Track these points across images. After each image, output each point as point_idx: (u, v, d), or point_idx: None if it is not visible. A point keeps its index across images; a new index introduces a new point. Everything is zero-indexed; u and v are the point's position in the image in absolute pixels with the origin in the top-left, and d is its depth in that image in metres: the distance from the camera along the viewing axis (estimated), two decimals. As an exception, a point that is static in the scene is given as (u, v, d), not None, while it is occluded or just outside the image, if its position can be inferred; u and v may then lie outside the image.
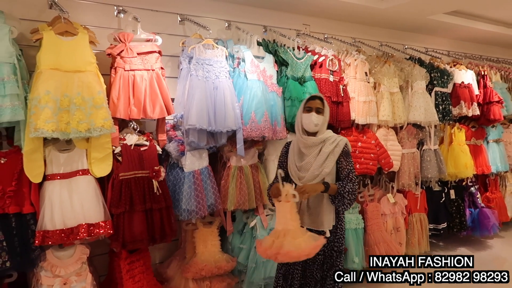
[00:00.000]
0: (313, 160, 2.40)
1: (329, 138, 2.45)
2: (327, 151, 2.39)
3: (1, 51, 2.20)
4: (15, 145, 2.37)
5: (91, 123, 2.37)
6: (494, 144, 5.10)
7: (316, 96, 2.53)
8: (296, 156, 2.48)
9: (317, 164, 2.38)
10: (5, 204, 2.26)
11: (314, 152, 2.41)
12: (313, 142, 2.42)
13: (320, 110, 2.46)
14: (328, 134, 2.48)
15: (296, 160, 2.47)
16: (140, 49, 2.70)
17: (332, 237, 2.46)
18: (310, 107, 2.46)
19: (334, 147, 2.41)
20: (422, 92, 4.14)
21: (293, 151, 2.50)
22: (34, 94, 2.25)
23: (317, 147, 2.42)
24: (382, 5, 3.66)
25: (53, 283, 2.46)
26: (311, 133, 2.46)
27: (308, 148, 2.43)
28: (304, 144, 2.44)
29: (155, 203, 2.64)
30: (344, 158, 2.42)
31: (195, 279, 2.98)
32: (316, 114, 2.43)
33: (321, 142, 2.43)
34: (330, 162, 2.39)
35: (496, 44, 5.75)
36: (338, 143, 2.42)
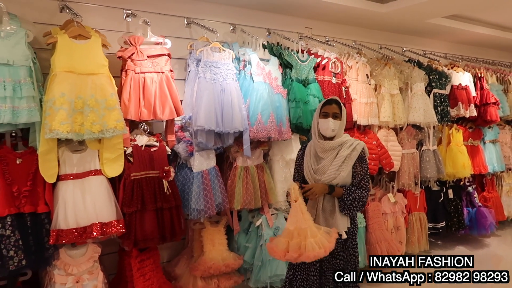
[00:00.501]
0: (330, 163, 2.38)
1: (347, 142, 2.42)
2: (344, 154, 2.37)
3: (18, 54, 2.25)
4: (30, 146, 2.42)
5: (104, 125, 2.43)
6: (490, 145, 5.21)
7: (333, 100, 2.48)
8: (312, 159, 2.46)
9: (334, 168, 2.36)
10: (20, 203, 2.31)
11: (331, 156, 2.39)
12: (330, 146, 2.40)
13: (337, 115, 2.42)
14: (346, 138, 2.45)
15: (312, 163, 2.45)
16: (150, 52, 2.76)
17: (349, 242, 2.45)
18: (327, 112, 2.41)
19: (351, 151, 2.38)
20: (421, 94, 4.24)
21: (310, 154, 2.49)
22: (49, 96, 2.30)
23: (334, 151, 2.40)
24: (383, 9, 3.75)
25: (66, 281, 2.51)
26: (328, 137, 2.44)
27: (325, 152, 2.41)
28: (321, 148, 2.42)
29: (166, 202, 2.70)
30: (359, 163, 2.40)
31: (203, 277, 3.04)
32: (333, 119, 2.40)
33: (338, 146, 2.41)
34: (347, 166, 2.37)
35: (492, 47, 5.87)
36: (355, 147, 2.40)
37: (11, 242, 2.24)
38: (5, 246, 2.23)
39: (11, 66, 2.23)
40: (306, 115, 3.33)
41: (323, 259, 2.41)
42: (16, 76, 2.23)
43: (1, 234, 2.23)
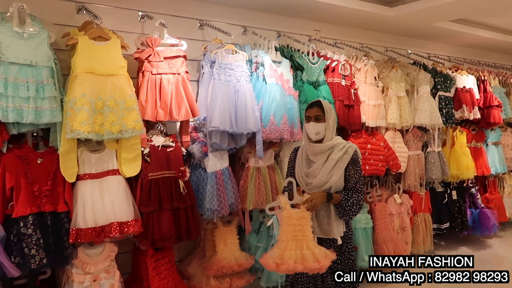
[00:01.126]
0: (321, 166, 2.35)
1: (338, 145, 2.37)
2: (335, 158, 2.33)
3: (41, 55, 2.28)
4: (50, 146, 2.44)
5: (123, 125, 2.46)
6: (493, 147, 5.29)
7: (315, 103, 2.44)
8: (304, 162, 2.43)
9: (325, 171, 2.33)
10: (41, 203, 2.34)
11: (322, 159, 2.36)
12: (321, 149, 2.36)
13: (319, 118, 2.37)
14: (337, 141, 2.40)
15: (303, 166, 2.42)
16: (166, 53, 2.79)
17: (345, 246, 2.42)
18: (309, 116, 2.39)
19: (342, 154, 2.34)
20: (427, 96, 4.30)
21: (301, 157, 2.46)
22: (70, 96, 2.33)
23: (324, 154, 2.36)
24: (391, 12, 3.80)
25: (84, 280, 2.53)
26: (317, 140, 2.40)
27: (316, 155, 2.38)
28: (312, 151, 2.38)
29: (182, 202, 2.73)
30: (352, 166, 2.36)
31: (216, 276, 3.07)
32: (314, 122, 2.36)
33: (329, 149, 2.36)
34: (339, 170, 2.33)
35: (494, 50, 5.95)
36: (347, 150, 2.36)
37: (32, 241, 2.26)
38: (27, 244, 2.25)
39: (34, 67, 2.25)
40: (317, 117, 3.37)
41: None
42: (39, 77, 2.26)
43: (23, 233, 2.25)
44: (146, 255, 2.75)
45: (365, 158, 3.83)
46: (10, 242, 2.25)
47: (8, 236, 2.25)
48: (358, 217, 3.83)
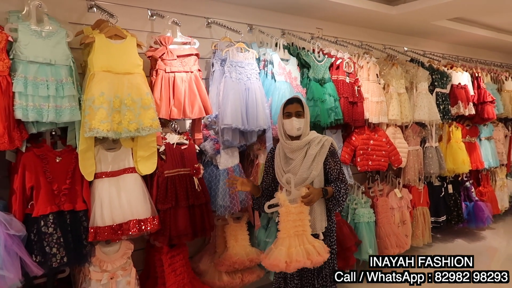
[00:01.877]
0: (300, 163, 2.39)
1: (314, 140, 2.43)
2: (313, 153, 2.38)
3: (59, 54, 2.28)
4: (68, 145, 2.44)
5: (139, 123, 2.47)
6: (486, 142, 5.45)
7: (294, 99, 2.48)
8: (282, 161, 2.48)
9: (305, 167, 2.38)
10: (60, 201, 2.34)
11: (300, 156, 2.40)
12: (298, 145, 2.41)
13: (300, 113, 2.43)
14: (313, 135, 2.46)
15: (283, 164, 2.47)
16: (179, 52, 2.81)
17: (327, 240, 2.47)
18: (290, 112, 2.43)
19: (320, 148, 2.40)
20: (425, 93, 4.41)
21: (279, 156, 2.50)
22: (88, 95, 2.34)
23: (302, 150, 2.41)
24: (393, 11, 3.88)
25: (101, 278, 2.54)
26: (294, 137, 2.46)
27: (294, 152, 2.42)
28: (290, 149, 2.43)
29: (197, 199, 2.76)
30: (331, 158, 2.43)
31: (228, 272, 3.11)
32: (296, 118, 2.41)
33: (306, 144, 2.42)
34: (318, 164, 2.39)
35: (486, 48, 6.12)
36: (323, 144, 2.41)
37: (53, 240, 2.26)
38: (48, 243, 2.25)
39: (52, 66, 2.25)
40: (323, 113, 3.43)
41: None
42: (58, 76, 2.26)
43: (44, 232, 2.25)
44: (161, 252, 2.77)
45: (368, 154, 3.92)
46: (30, 241, 2.25)
47: (29, 236, 2.24)
48: (362, 212, 3.93)
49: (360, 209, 3.95)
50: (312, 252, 2.25)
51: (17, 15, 2.33)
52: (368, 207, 4.01)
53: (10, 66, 2.16)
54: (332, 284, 2.53)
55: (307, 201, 2.27)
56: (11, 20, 2.29)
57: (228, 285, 3.08)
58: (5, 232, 2.10)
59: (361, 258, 3.86)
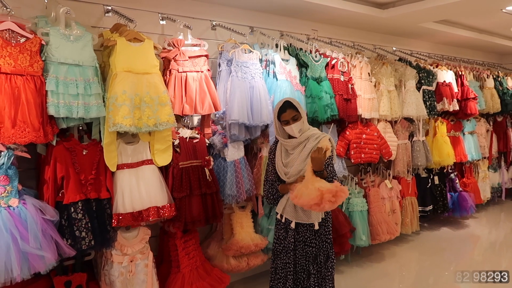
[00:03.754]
0: (297, 156, 2.57)
1: (313, 135, 2.58)
2: (310, 146, 2.54)
3: (86, 56, 2.50)
4: (93, 139, 2.67)
5: (157, 119, 2.71)
6: (469, 136, 5.80)
7: (286, 105, 2.57)
8: (283, 154, 2.66)
9: (301, 159, 2.54)
10: (87, 190, 2.56)
11: (299, 149, 2.58)
12: (298, 142, 2.59)
13: (296, 117, 2.55)
14: (312, 132, 2.61)
15: (283, 157, 2.65)
16: (190, 53, 3.05)
17: (322, 229, 2.63)
18: (286, 120, 2.56)
19: (316, 143, 2.53)
20: (413, 90, 4.72)
21: (280, 150, 2.68)
22: (111, 93, 2.56)
23: (301, 145, 2.59)
24: (383, 14, 4.17)
25: (122, 261, 2.78)
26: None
27: (294, 148, 2.61)
28: (290, 146, 2.62)
29: (208, 188, 3.01)
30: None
31: (235, 256, 3.37)
32: (294, 123, 2.55)
33: (305, 139, 2.58)
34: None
35: (468, 47, 6.48)
36: (321, 139, 2.54)
37: (82, 225, 2.49)
38: (77, 228, 2.48)
39: (80, 67, 2.47)
40: (321, 110, 3.71)
41: (297, 248, 2.63)
42: (86, 76, 2.48)
43: (74, 218, 2.47)
44: (176, 237, 3.01)
45: (360, 147, 4.21)
46: (61, 226, 2.47)
47: (60, 221, 2.47)
48: (355, 201, 4.21)
49: (354, 198, 4.24)
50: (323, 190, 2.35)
51: (45, 20, 2.54)
52: (361, 197, 4.30)
53: (43, 67, 2.37)
54: (326, 270, 2.67)
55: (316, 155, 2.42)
56: (40, 24, 2.50)
57: (235, 268, 3.33)
58: (41, 217, 2.33)
59: (355, 244, 4.16)
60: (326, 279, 2.65)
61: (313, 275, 2.61)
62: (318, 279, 2.62)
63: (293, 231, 2.64)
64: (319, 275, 2.63)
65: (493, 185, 6.45)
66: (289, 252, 2.65)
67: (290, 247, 2.65)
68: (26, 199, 2.36)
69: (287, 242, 2.66)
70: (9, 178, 2.33)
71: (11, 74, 2.25)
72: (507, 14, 4.35)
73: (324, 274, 2.64)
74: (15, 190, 2.34)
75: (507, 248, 4.99)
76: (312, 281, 2.61)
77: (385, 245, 4.74)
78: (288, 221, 2.65)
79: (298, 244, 2.63)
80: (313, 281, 2.62)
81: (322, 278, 2.63)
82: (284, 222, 2.68)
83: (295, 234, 2.64)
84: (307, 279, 2.63)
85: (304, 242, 2.62)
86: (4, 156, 2.31)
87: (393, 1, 4.08)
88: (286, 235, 2.67)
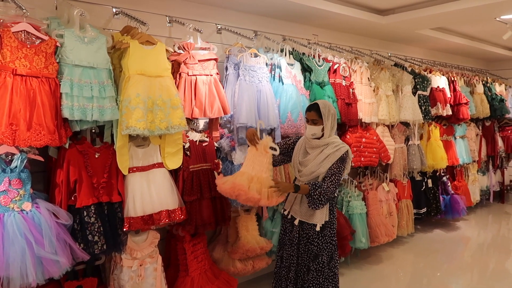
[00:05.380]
0: (313, 158, 2.68)
1: (333, 143, 2.69)
2: (328, 152, 2.65)
3: (100, 58, 2.48)
4: (105, 141, 2.64)
5: (169, 122, 2.70)
6: (460, 140, 5.95)
7: (312, 107, 2.73)
8: (301, 151, 2.79)
9: (316, 162, 2.65)
10: (99, 194, 2.54)
11: (316, 152, 2.70)
12: (317, 144, 2.70)
13: (315, 121, 2.69)
14: (333, 139, 2.71)
15: (300, 155, 2.78)
16: (200, 56, 3.05)
17: (327, 231, 2.74)
18: (307, 119, 2.74)
19: (335, 151, 2.64)
20: (409, 95, 4.83)
21: (300, 147, 2.80)
22: (124, 96, 2.54)
23: (320, 148, 2.70)
24: (383, 20, 4.26)
25: (132, 265, 2.76)
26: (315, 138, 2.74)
27: (312, 149, 2.72)
28: (310, 145, 2.74)
29: (217, 191, 3.00)
30: (338, 161, 2.64)
31: (241, 260, 3.38)
32: (311, 125, 2.71)
33: (324, 144, 2.69)
34: (328, 163, 2.63)
35: (459, 54, 6.65)
36: (339, 148, 2.65)
37: (95, 229, 2.47)
38: (90, 232, 2.45)
39: (95, 69, 2.45)
40: (324, 114, 3.75)
41: (300, 243, 2.76)
42: (100, 78, 2.46)
43: (87, 221, 2.44)
44: (184, 241, 3.01)
45: (360, 151, 4.27)
46: (74, 230, 2.44)
47: (72, 225, 2.43)
48: (355, 204, 4.28)
49: (353, 201, 4.30)
50: (264, 194, 2.52)
51: (57, 22, 2.50)
52: (360, 199, 4.36)
53: (57, 69, 2.35)
54: (329, 271, 2.77)
55: (274, 190, 2.55)
56: (52, 26, 2.47)
57: (241, 272, 3.34)
58: (55, 221, 2.29)
59: (355, 246, 4.22)
60: (329, 279, 2.76)
61: (312, 272, 2.73)
62: (318, 277, 2.73)
63: (297, 227, 2.79)
64: (320, 273, 2.73)
65: (482, 188, 6.63)
66: (293, 245, 2.81)
67: (294, 241, 2.81)
68: (39, 203, 2.32)
69: (292, 235, 2.81)
70: (22, 181, 2.29)
71: (26, 76, 2.22)
72: (501, 22, 4.48)
73: (327, 274, 2.75)
74: (28, 193, 2.30)
75: (494, 249, 5.15)
76: (311, 276, 2.74)
77: (382, 247, 4.82)
78: (293, 218, 2.81)
79: (301, 240, 2.79)
80: (311, 277, 2.73)
81: (325, 278, 2.74)
82: (290, 218, 2.85)
83: (300, 230, 2.79)
84: (307, 273, 2.76)
85: (307, 239, 2.76)
86: (17, 159, 2.27)
87: (393, 7, 4.17)
88: (291, 228, 2.84)
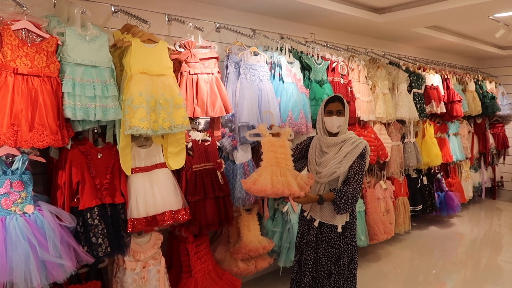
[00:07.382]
0: (332, 157, 2.55)
1: (350, 139, 2.57)
2: (346, 150, 2.52)
3: (102, 57, 2.43)
4: (107, 142, 2.59)
5: (172, 121, 2.66)
6: (453, 137, 6.01)
7: (336, 97, 2.61)
8: (317, 152, 2.65)
9: (335, 162, 2.53)
10: (102, 195, 2.48)
11: (334, 151, 2.56)
12: (334, 142, 2.57)
13: (341, 112, 2.57)
14: (350, 135, 2.60)
15: (316, 156, 2.64)
16: (201, 55, 3.01)
17: (348, 232, 2.63)
18: (331, 110, 2.57)
19: (353, 147, 2.53)
20: (405, 93, 4.85)
21: (315, 147, 2.67)
22: (127, 95, 2.50)
23: (337, 146, 2.57)
24: (380, 19, 4.27)
25: (135, 267, 2.71)
26: (333, 134, 2.62)
27: (329, 148, 2.59)
28: (326, 144, 2.59)
29: (221, 191, 2.98)
30: (358, 159, 2.53)
31: (243, 260, 3.35)
32: (337, 116, 2.56)
33: (341, 142, 2.57)
34: (348, 161, 2.52)
35: (451, 52, 6.71)
36: (358, 144, 2.54)
37: (98, 231, 2.41)
38: (94, 234, 2.39)
39: (97, 68, 2.39)
40: (324, 112, 3.75)
41: (319, 247, 2.64)
42: (102, 77, 2.40)
43: (90, 224, 2.39)
44: (187, 242, 2.97)
45: (358, 149, 4.27)
46: (77, 232, 2.38)
47: (75, 227, 2.38)
48: (354, 202, 4.28)
49: (352, 199, 4.29)
50: (293, 184, 2.38)
51: (57, 20, 2.44)
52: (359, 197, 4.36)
53: (59, 68, 2.29)
54: (349, 272, 2.66)
55: (298, 200, 2.43)
56: (52, 24, 2.40)
57: (244, 272, 3.32)
58: (58, 224, 2.24)
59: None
60: (349, 281, 2.67)
61: (334, 276, 2.63)
62: (339, 280, 2.64)
63: (315, 230, 2.66)
64: (341, 276, 2.63)
65: (474, 184, 6.71)
66: (310, 249, 2.68)
67: (311, 244, 2.68)
68: (41, 205, 2.26)
69: (308, 238, 2.69)
70: (23, 183, 2.23)
71: (27, 75, 2.16)
72: (494, 20, 4.53)
73: (347, 276, 2.66)
74: (30, 196, 2.24)
75: (487, 244, 5.22)
76: (333, 280, 2.64)
77: (380, 245, 4.84)
78: (312, 219, 2.68)
79: (320, 243, 2.65)
80: (334, 281, 2.64)
81: (345, 280, 2.65)
82: (309, 219, 2.71)
83: (318, 233, 2.67)
84: (328, 278, 2.65)
85: (327, 243, 2.63)
86: (19, 160, 2.21)
87: (389, 6, 4.18)
88: (308, 231, 2.71)
